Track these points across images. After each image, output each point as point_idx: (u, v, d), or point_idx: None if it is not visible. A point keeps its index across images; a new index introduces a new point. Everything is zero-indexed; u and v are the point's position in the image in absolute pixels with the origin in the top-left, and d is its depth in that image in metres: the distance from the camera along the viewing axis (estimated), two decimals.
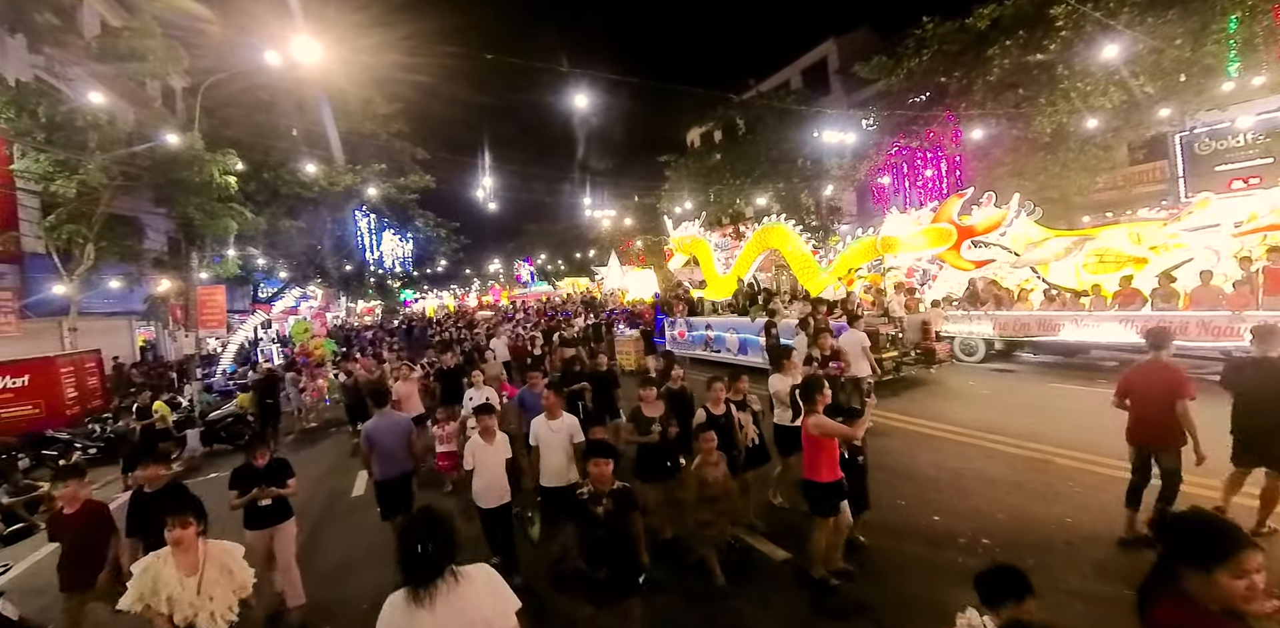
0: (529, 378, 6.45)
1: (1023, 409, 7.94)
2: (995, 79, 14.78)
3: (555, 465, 4.69)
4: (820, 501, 4.06)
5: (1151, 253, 10.50)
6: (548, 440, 4.71)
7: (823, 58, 26.80)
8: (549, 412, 4.88)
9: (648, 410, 5.07)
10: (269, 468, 4.46)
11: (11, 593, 4.31)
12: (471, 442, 4.67)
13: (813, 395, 4.07)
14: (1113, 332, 9.51)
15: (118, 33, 14.59)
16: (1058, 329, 10.20)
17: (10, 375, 10.51)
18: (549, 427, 4.76)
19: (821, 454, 4.02)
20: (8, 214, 13.53)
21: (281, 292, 25.64)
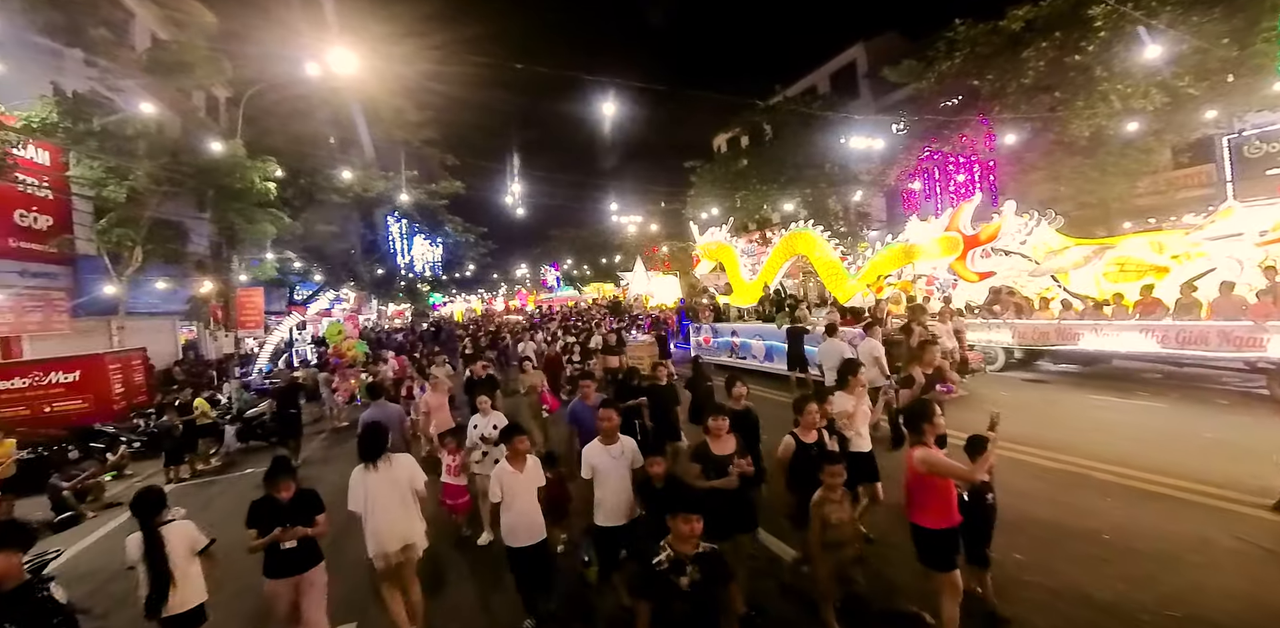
0: (581, 386, 5.76)
1: (1061, 421, 7.67)
2: (1030, 82, 14.46)
3: (615, 500, 3.94)
4: (932, 550, 3.40)
5: (1173, 262, 10.26)
6: (606, 470, 3.96)
7: (850, 62, 26.60)
8: (604, 435, 4.08)
9: (717, 447, 3.98)
10: (294, 502, 3.74)
11: (60, 578, 4.49)
12: (499, 469, 4.01)
13: (920, 423, 3.47)
14: (1133, 341, 9.30)
15: (166, 46, 15.31)
16: (1077, 338, 10.00)
17: (62, 371, 11.02)
18: (607, 453, 3.98)
19: (931, 495, 3.38)
20: (63, 218, 14.21)
21: (316, 294, 26.35)
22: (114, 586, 5.40)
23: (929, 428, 3.47)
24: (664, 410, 6.23)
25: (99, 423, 10.64)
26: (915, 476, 3.42)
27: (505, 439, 4.11)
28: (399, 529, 3.94)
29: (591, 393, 5.61)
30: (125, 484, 9.04)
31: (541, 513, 4.05)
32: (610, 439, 4.06)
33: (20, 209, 13.21)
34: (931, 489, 3.37)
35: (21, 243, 13.20)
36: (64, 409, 10.80)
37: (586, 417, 5.15)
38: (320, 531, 3.76)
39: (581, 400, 5.59)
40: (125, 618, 4.77)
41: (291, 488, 3.78)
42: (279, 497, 3.71)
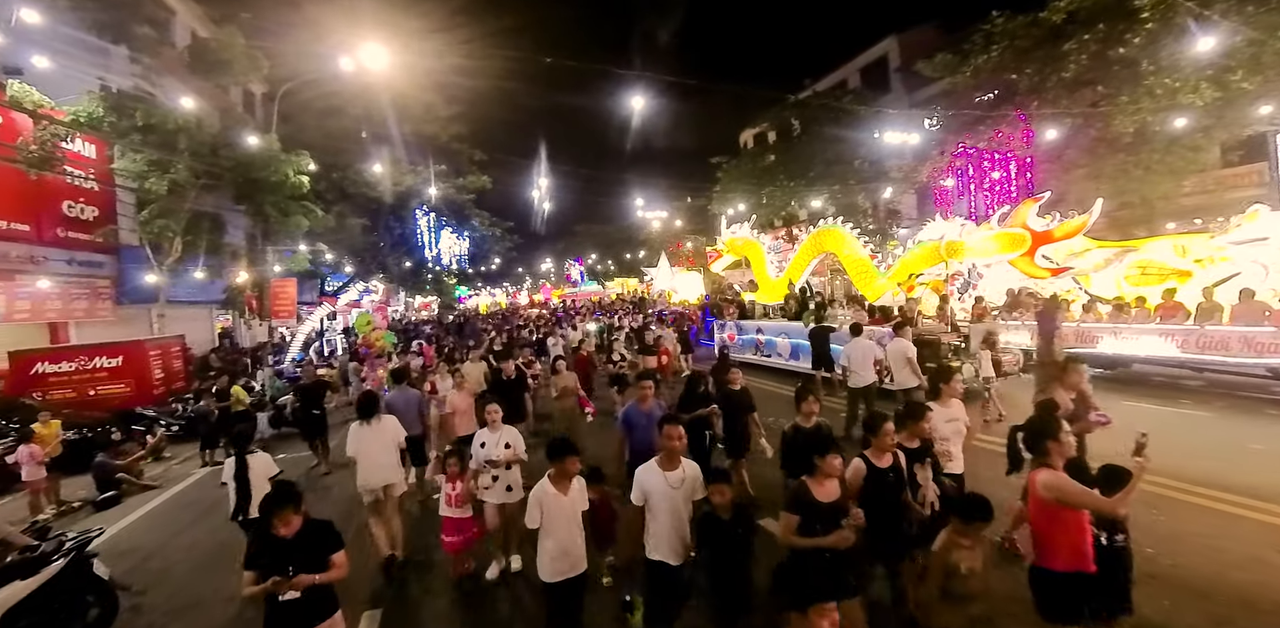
0: (640, 388, 5.08)
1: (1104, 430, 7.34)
2: (1071, 76, 13.97)
3: (669, 535, 3.32)
4: (1054, 599, 2.83)
5: (1196, 266, 10.11)
6: (660, 499, 3.34)
7: (883, 55, 26.06)
8: (666, 457, 3.46)
9: (823, 492, 3.10)
10: (302, 538, 2.95)
11: (102, 555, 4.69)
12: (540, 491, 3.45)
13: (1043, 442, 2.90)
14: (1154, 345, 9.16)
15: (205, 43, 15.72)
16: (1096, 341, 9.89)
17: (106, 356, 11.48)
18: (664, 480, 3.36)
19: (1058, 530, 2.79)
20: (108, 209, 14.76)
21: (346, 285, 26.91)
22: (152, 563, 5.64)
23: (1055, 448, 2.87)
24: (735, 420, 5.63)
25: (139, 407, 11.06)
26: (1040, 506, 2.81)
27: (555, 458, 3.50)
28: (383, 472, 5.05)
29: (650, 397, 4.96)
30: (163, 466, 9.39)
31: (583, 541, 3.56)
32: (672, 463, 3.43)
33: (68, 200, 13.76)
34: (1059, 524, 2.76)
35: (69, 233, 13.75)
36: (107, 393, 11.26)
37: (641, 424, 4.69)
38: (335, 575, 2.98)
39: (637, 405, 4.92)
40: (162, 594, 4.98)
41: (295, 522, 2.95)
42: (278, 532, 2.91)
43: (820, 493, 3.09)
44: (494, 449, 4.62)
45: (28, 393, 10.57)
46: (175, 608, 4.74)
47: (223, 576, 4.99)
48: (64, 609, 4.23)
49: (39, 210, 12.96)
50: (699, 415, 5.42)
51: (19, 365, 11.06)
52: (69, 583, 4.30)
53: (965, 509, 2.81)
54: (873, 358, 8.16)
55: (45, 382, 10.99)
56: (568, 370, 7.90)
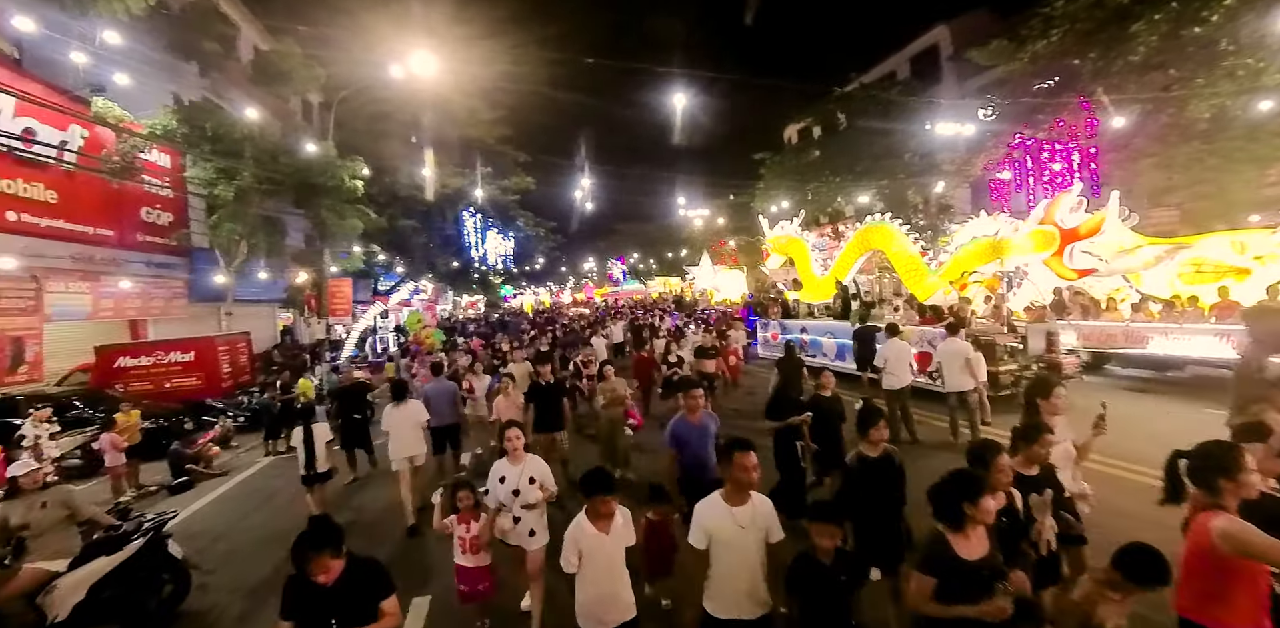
0: (689, 397, 4.50)
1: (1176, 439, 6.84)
2: (1140, 59, 13.11)
3: (736, 585, 2.73)
4: None
5: (1256, 263, 9.56)
6: (727, 541, 2.73)
7: (933, 44, 25.14)
8: (734, 489, 2.82)
9: (967, 547, 2.40)
10: (344, 585, 2.52)
11: (176, 536, 5.03)
12: (576, 530, 3.00)
13: (1217, 478, 2.30)
14: (1208, 346, 8.73)
15: (267, 57, 16.59)
16: (1146, 342, 9.55)
17: (180, 352, 12.29)
18: (732, 518, 2.74)
19: (1233, 584, 2.23)
20: (181, 215, 15.77)
21: (397, 285, 27.89)
22: (220, 545, 6.01)
23: (1231, 486, 2.28)
24: (828, 430, 5.09)
25: (209, 399, 11.77)
26: (1205, 553, 2.26)
27: (587, 493, 3.01)
28: (409, 446, 6.08)
29: (701, 408, 4.42)
30: (230, 455, 9.97)
31: (629, 583, 3.07)
32: (740, 496, 2.79)
33: (146, 207, 14.77)
34: (1233, 576, 2.24)
35: (147, 237, 14.75)
36: (180, 385, 12.04)
37: (692, 439, 4.20)
38: (386, 625, 2.58)
39: (687, 417, 4.36)
40: (229, 574, 5.30)
41: (335, 567, 2.49)
42: (316, 579, 2.47)
43: (965, 548, 2.39)
44: (517, 485, 3.85)
45: (111, 385, 11.42)
46: (240, 588, 5.04)
47: (284, 559, 5.25)
48: (142, 584, 4.55)
49: (121, 217, 13.95)
50: (790, 424, 4.99)
51: (104, 359, 11.95)
52: (147, 561, 4.62)
53: (1139, 570, 2.25)
54: (909, 359, 7.91)
55: (126, 375, 11.85)
56: (617, 376, 7.24)
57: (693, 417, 4.37)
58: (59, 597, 4.11)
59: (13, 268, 10.99)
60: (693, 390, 4.53)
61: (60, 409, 9.10)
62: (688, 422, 4.36)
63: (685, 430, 4.32)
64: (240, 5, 19.76)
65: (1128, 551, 2.31)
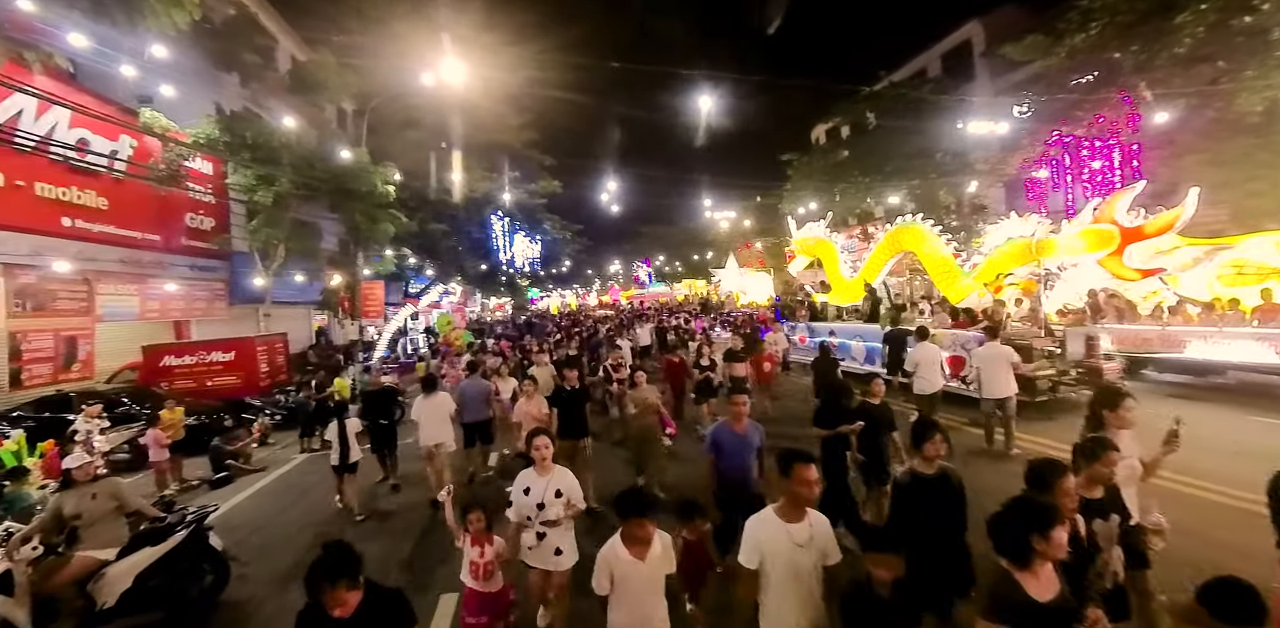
0: (733, 405, 4.35)
1: (1223, 448, 6.44)
2: (1185, 51, 12.62)
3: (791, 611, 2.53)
4: None
5: None
6: (783, 561, 2.53)
7: (965, 40, 24.62)
8: (790, 505, 2.63)
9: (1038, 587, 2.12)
10: (362, 618, 2.32)
11: (217, 529, 5.20)
12: (609, 553, 2.76)
13: None
14: (1250, 351, 8.53)
15: (304, 67, 17.11)
16: (1183, 346, 9.32)
17: (220, 351, 12.73)
18: (787, 535, 2.54)
19: None
20: (222, 220, 16.35)
21: (428, 288, 28.40)
22: (257, 537, 6.20)
23: None
24: (876, 440, 4.79)
25: (248, 397, 12.15)
26: None
27: (622, 515, 2.76)
28: (437, 434, 6.73)
29: (746, 415, 4.21)
30: (268, 451, 10.27)
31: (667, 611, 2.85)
32: (796, 513, 2.59)
33: (190, 212, 15.38)
34: None
35: (190, 241, 15.36)
36: (221, 384, 12.47)
37: (734, 449, 4.01)
38: None
39: (730, 425, 4.19)
40: (266, 566, 5.46)
41: (352, 599, 2.30)
42: (332, 613, 2.27)
43: (1036, 588, 2.09)
44: (542, 499, 3.54)
45: (157, 383, 11.89)
46: (277, 579, 5.19)
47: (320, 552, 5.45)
48: (185, 575, 4.71)
49: (166, 222, 14.55)
50: (840, 433, 4.71)
51: (150, 358, 12.46)
52: (189, 552, 4.79)
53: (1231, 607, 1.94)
54: (939, 363, 7.74)
55: (171, 373, 12.33)
56: (648, 383, 6.81)
57: (737, 425, 4.17)
58: (108, 585, 4.30)
59: (67, 271, 11.54)
60: (737, 397, 4.38)
61: (109, 406, 9.49)
62: (731, 430, 4.16)
63: (727, 439, 4.12)
64: (278, 17, 20.46)
65: (1216, 585, 1.98)
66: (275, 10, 20.32)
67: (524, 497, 3.60)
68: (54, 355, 11.47)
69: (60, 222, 11.79)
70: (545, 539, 3.55)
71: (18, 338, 10.86)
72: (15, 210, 10.91)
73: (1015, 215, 10.92)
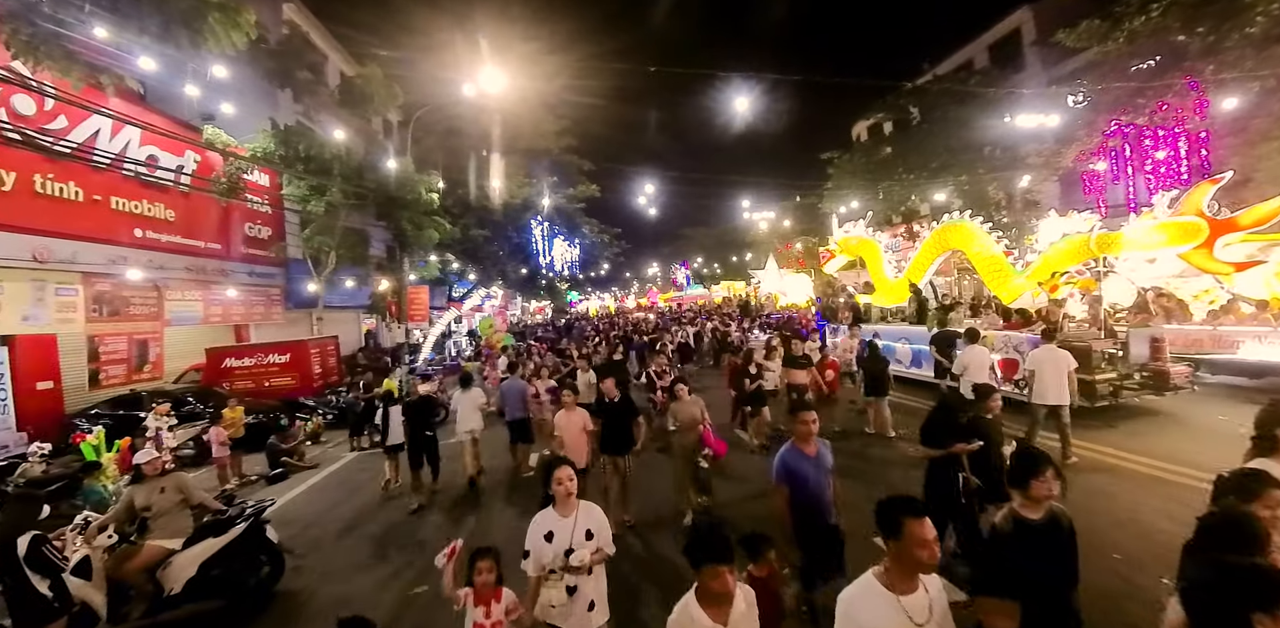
0: (799, 422, 3.63)
1: None
2: (1258, 31, 11.82)
3: None
4: None
5: None
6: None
7: (1014, 29, 23.67)
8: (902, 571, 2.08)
9: None
10: None
11: (273, 522, 5.44)
12: (684, 618, 2.24)
13: None
14: None
15: (352, 81, 17.80)
16: (1236, 346, 9.10)
17: (277, 353, 13.34)
18: (903, 612, 2.01)
19: None
20: (278, 229, 17.17)
21: (470, 292, 29.08)
22: (312, 531, 6.46)
23: None
24: (990, 460, 4.21)
25: (302, 397, 12.68)
26: None
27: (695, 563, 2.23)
28: (469, 422, 7.74)
29: (814, 434, 3.60)
30: (320, 449, 10.70)
31: None
32: (910, 582, 2.07)
33: (248, 222, 16.20)
34: None
35: (249, 249, 16.17)
36: (277, 385, 13.06)
37: (808, 474, 3.45)
38: None
39: (798, 446, 3.58)
40: (319, 558, 5.69)
41: None
42: None
43: None
44: (570, 543, 2.93)
45: (219, 383, 12.54)
46: (328, 571, 5.40)
47: (368, 546, 5.83)
48: (243, 565, 4.96)
49: (228, 232, 15.38)
50: (954, 453, 4.13)
51: (213, 360, 13.16)
52: (248, 544, 5.03)
53: None
54: (988, 366, 7.42)
55: (231, 374, 12.99)
56: (690, 396, 5.91)
57: (805, 446, 3.59)
58: (174, 572, 4.56)
59: (139, 278, 12.32)
60: (804, 414, 3.66)
61: (175, 404, 10.06)
62: (800, 452, 3.55)
63: (799, 463, 3.50)
64: (327, 34, 21.40)
65: None
66: (325, 28, 21.26)
67: (545, 544, 2.93)
68: (127, 357, 12.26)
69: (133, 233, 12.60)
70: (576, 593, 2.89)
71: (95, 341, 11.66)
72: (93, 223, 11.72)
73: (1055, 214, 10.46)
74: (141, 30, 8.16)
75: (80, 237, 11.39)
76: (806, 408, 3.75)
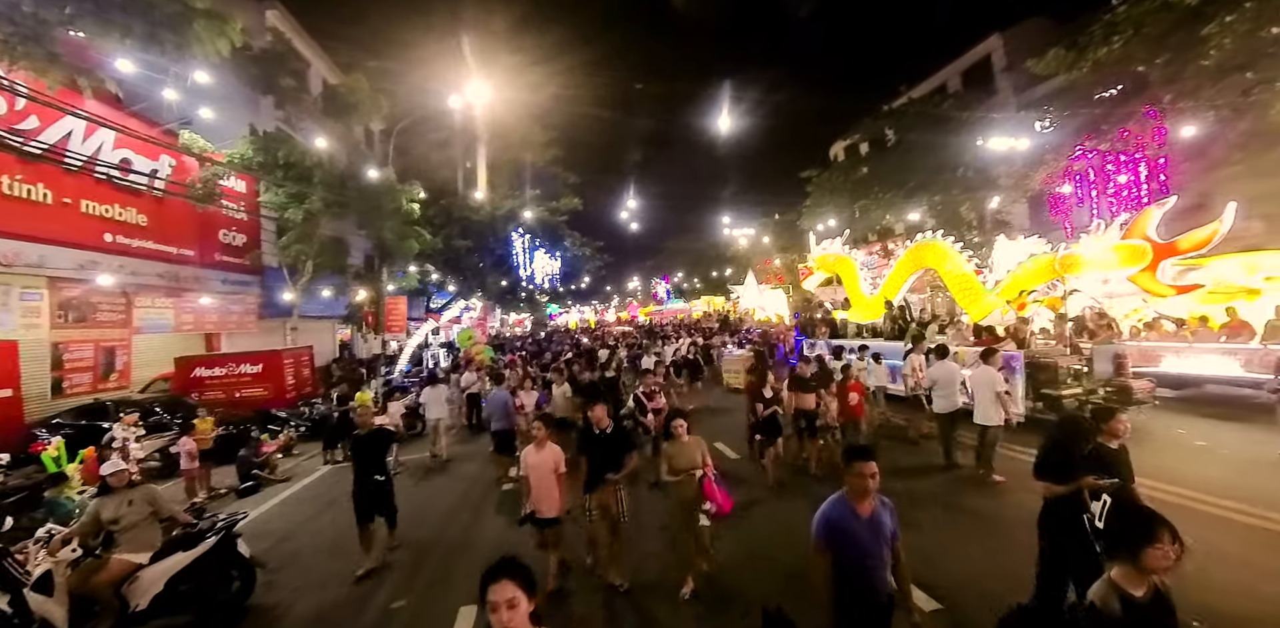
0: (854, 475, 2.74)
1: (1260, 469, 6.31)
2: (1214, 63, 12.47)
3: None
4: None
5: (1266, 284, 10.03)
6: None
7: (986, 55, 24.62)
8: None
9: None
10: None
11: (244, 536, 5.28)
12: None
13: None
14: (1218, 365, 9.17)
15: (336, 89, 17.73)
16: (1159, 361, 9.87)
17: (249, 363, 13.03)
18: None
19: None
20: (254, 236, 16.87)
21: (449, 303, 28.82)
22: (286, 545, 6.28)
23: None
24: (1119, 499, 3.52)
25: (274, 409, 12.38)
26: None
27: None
28: (438, 412, 9.71)
29: (872, 490, 2.75)
30: (293, 462, 10.43)
31: None
32: None
33: (224, 229, 15.89)
34: None
35: (224, 257, 15.84)
36: (249, 395, 12.74)
37: (857, 538, 2.71)
38: None
39: (851, 502, 2.78)
40: (294, 572, 5.53)
41: None
42: None
43: None
44: None
45: (189, 393, 12.18)
46: (302, 586, 5.24)
47: (342, 560, 5.57)
48: (213, 580, 4.80)
49: (202, 238, 15.05)
50: (1089, 487, 3.33)
51: (182, 369, 12.80)
52: (218, 558, 4.88)
53: None
54: (959, 382, 7.58)
55: (202, 384, 12.64)
56: (691, 436, 4.77)
57: (860, 503, 2.75)
58: (141, 587, 4.39)
59: (109, 284, 11.98)
60: (861, 464, 2.73)
61: (143, 415, 9.76)
62: (851, 510, 2.75)
63: (847, 522, 2.73)
64: (312, 42, 21.30)
65: None
66: (309, 35, 21.17)
67: None
68: (93, 365, 11.86)
69: (103, 237, 12.28)
70: None
71: (60, 348, 11.27)
72: (62, 226, 11.39)
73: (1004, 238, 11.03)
74: (125, 34, 8.06)
75: (48, 240, 11.05)
76: (864, 456, 2.77)
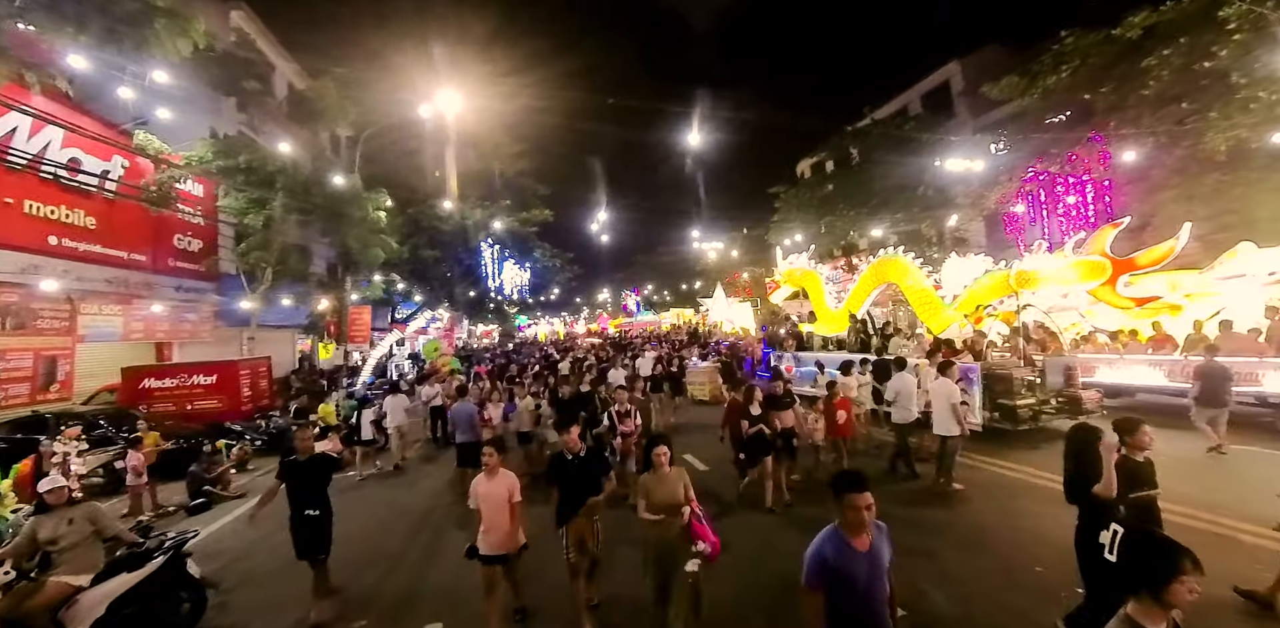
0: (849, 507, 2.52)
1: (1196, 472, 6.68)
2: (1153, 93, 13.30)
3: None
4: None
5: (1186, 300, 10.73)
6: None
7: (945, 80, 25.75)
8: None
9: None
10: None
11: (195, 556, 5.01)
12: None
13: None
14: (1145, 375, 10.06)
15: (302, 94, 17.38)
16: (1094, 371, 10.60)
17: (203, 374, 12.47)
18: None
19: None
20: (211, 242, 16.27)
21: (415, 313, 28.23)
22: (240, 564, 5.98)
23: None
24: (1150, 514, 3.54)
25: (229, 421, 11.84)
26: None
27: None
28: (398, 419, 10.07)
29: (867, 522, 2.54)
30: (248, 478, 9.97)
31: None
32: None
33: (179, 234, 15.28)
34: None
35: (178, 262, 15.20)
36: (202, 408, 12.18)
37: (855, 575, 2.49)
38: None
39: (845, 535, 2.56)
40: (249, 592, 5.27)
41: None
42: None
43: None
44: None
45: (136, 405, 11.57)
46: (257, 606, 4.99)
47: (299, 580, 5.24)
48: (161, 602, 4.53)
49: (155, 243, 14.43)
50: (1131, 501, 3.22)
51: (130, 380, 12.17)
52: (166, 579, 4.61)
53: None
54: (916, 393, 7.80)
55: (151, 395, 12.03)
56: (673, 468, 4.10)
57: (855, 536, 2.54)
58: (80, 612, 4.11)
59: (51, 290, 11.35)
60: (854, 496, 2.51)
61: (86, 428, 9.20)
62: (848, 544, 2.53)
63: (846, 561, 2.50)
64: (277, 44, 20.86)
65: None
66: (275, 38, 20.73)
67: None
68: (32, 375, 11.14)
69: (47, 240, 11.66)
70: None
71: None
72: (3, 227, 10.79)
73: (956, 255, 11.87)
74: (81, 30, 7.74)
75: None
76: (857, 486, 2.53)
